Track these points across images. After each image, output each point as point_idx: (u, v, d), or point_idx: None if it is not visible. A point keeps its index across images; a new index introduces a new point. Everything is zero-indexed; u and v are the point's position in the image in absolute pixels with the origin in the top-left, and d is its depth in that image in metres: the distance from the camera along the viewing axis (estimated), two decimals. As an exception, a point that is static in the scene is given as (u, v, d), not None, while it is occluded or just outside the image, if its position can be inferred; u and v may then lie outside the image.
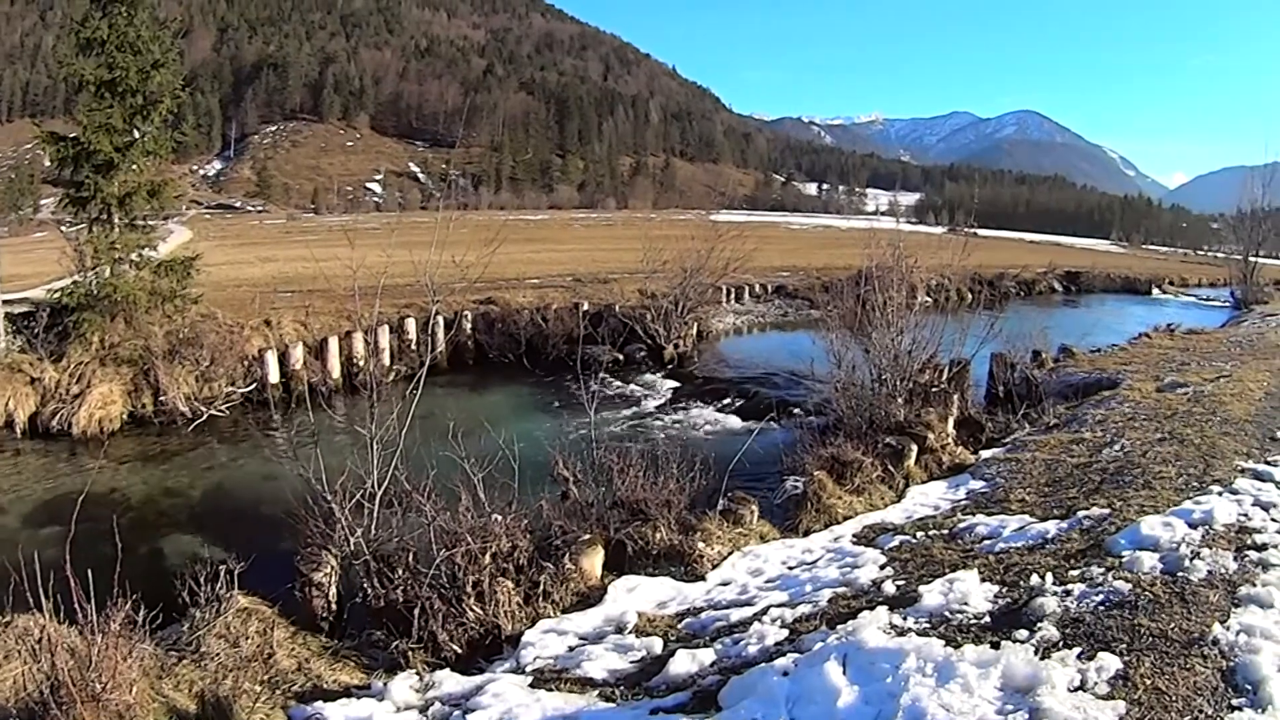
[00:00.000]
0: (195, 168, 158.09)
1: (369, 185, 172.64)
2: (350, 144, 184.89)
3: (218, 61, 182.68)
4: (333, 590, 7.16)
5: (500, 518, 7.42)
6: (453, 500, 7.55)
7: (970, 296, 25.63)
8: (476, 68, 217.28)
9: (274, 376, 17.08)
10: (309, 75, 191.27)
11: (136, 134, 17.05)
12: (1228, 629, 4.99)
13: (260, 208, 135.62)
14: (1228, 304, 43.80)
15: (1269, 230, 45.98)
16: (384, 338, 18.71)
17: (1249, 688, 4.41)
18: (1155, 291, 53.47)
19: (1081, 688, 4.49)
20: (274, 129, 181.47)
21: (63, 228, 17.95)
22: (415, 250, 10.31)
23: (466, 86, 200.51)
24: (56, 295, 16.48)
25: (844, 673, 4.78)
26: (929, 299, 18.50)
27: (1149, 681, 4.49)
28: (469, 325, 21.13)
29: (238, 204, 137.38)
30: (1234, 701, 4.31)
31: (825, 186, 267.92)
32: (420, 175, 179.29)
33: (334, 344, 17.97)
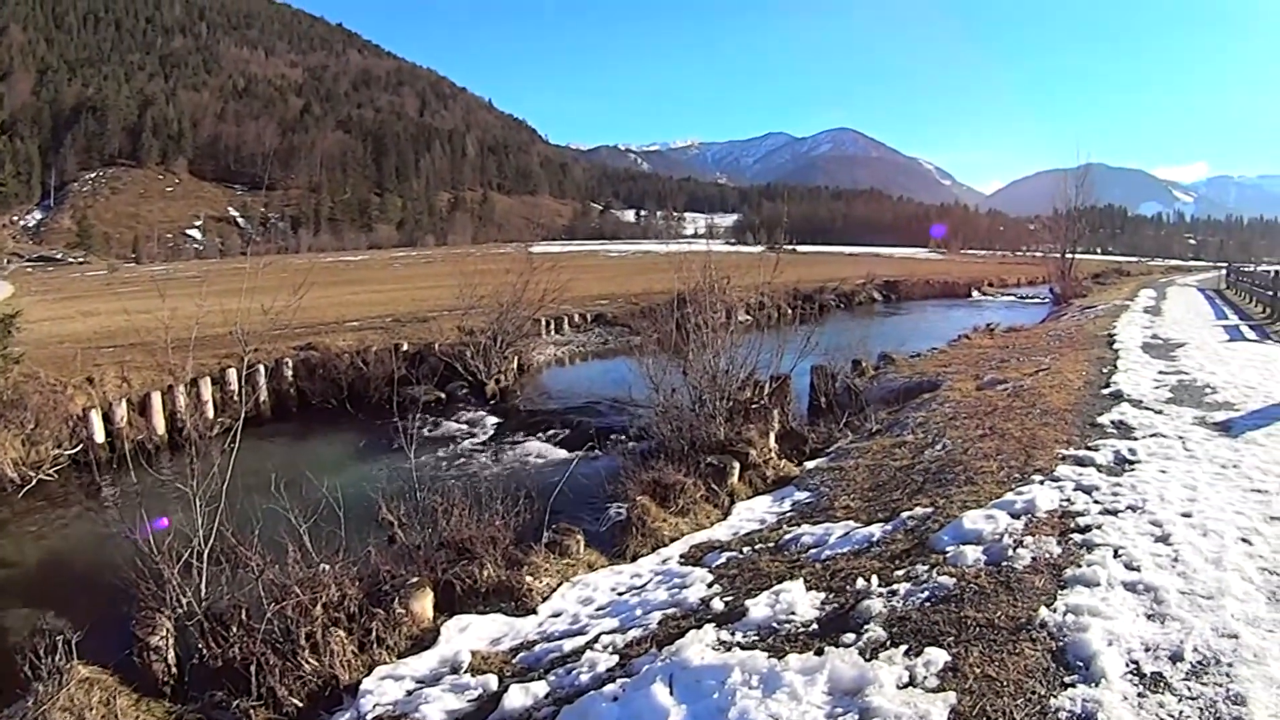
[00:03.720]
0: (15, 218, 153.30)
1: (189, 232, 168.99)
2: (170, 189, 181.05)
3: (37, 105, 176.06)
4: (171, 653, 6.89)
5: (328, 567, 7.27)
6: (281, 553, 7.36)
7: (790, 312, 26.04)
8: (294, 107, 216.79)
9: (99, 436, 16.16)
10: (128, 119, 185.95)
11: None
12: (1054, 611, 5.15)
13: (81, 259, 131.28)
14: (1047, 300, 45.93)
15: (1084, 227, 48.14)
16: (206, 390, 18.01)
17: (1080, 664, 4.56)
18: (975, 294, 55.83)
19: (911, 684, 4.56)
20: (93, 176, 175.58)
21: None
22: (232, 298, 10.01)
23: (284, 126, 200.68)
24: None
25: (671, 693, 4.81)
26: (749, 318, 18.74)
27: (979, 670, 4.59)
28: (290, 373, 20.54)
29: (59, 255, 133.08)
30: (1066, 679, 4.44)
31: (643, 213, 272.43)
32: (240, 220, 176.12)
33: (156, 399, 17.25)
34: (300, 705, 6.42)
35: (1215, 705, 4.13)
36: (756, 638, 5.59)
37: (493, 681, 6.02)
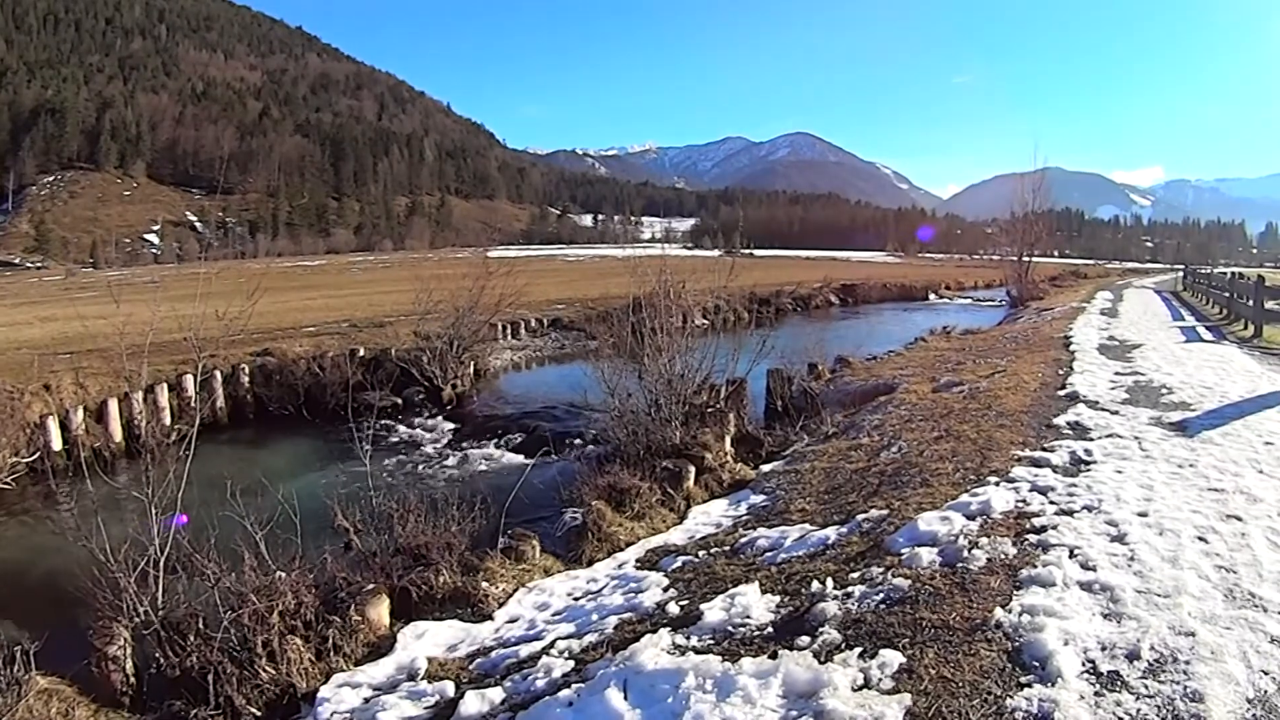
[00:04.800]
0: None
1: (146, 236, 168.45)
2: (128, 194, 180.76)
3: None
4: (129, 663, 6.77)
5: (284, 575, 7.20)
6: (237, 561, 7.26)
7: (747, 316, 26.08)
8: (253, 110, 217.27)
9: (56, 444, 15.91)
10: (86, 121, 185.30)
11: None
12: (1010, 611, 5.15)
13: (40, 264, 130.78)
14: (1004, 303, 46.33)
15: (1041, 230, 48.51)
16: (163, 397, 17.76)
17: (1036, 664, 4.56)
18: (932, 297, 56.36)
19: (866, 686, 4.53)
20: (51, 179, 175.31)
21: None
22: (187, 304, 9.88)
23: (243, 130, 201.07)
24: None
25: (625, 698, 4.78)
26: (706, 321, 18.75)
27: (934, 671, 4.57)
28: (246, 379, 20.31)
29: (16, 260, 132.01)
30: (1022, 679, 4.43)
31: (601, 217, 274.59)
32: (197, 224, 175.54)
33: (114, 406, 17.00)
34: (258, 714, 6.37)
35: (1173, 703, 4.13)
36: (712, 641, 5.56)
37: (449, 688, 5.97)
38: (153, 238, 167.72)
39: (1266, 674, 4.38)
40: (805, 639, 5.24)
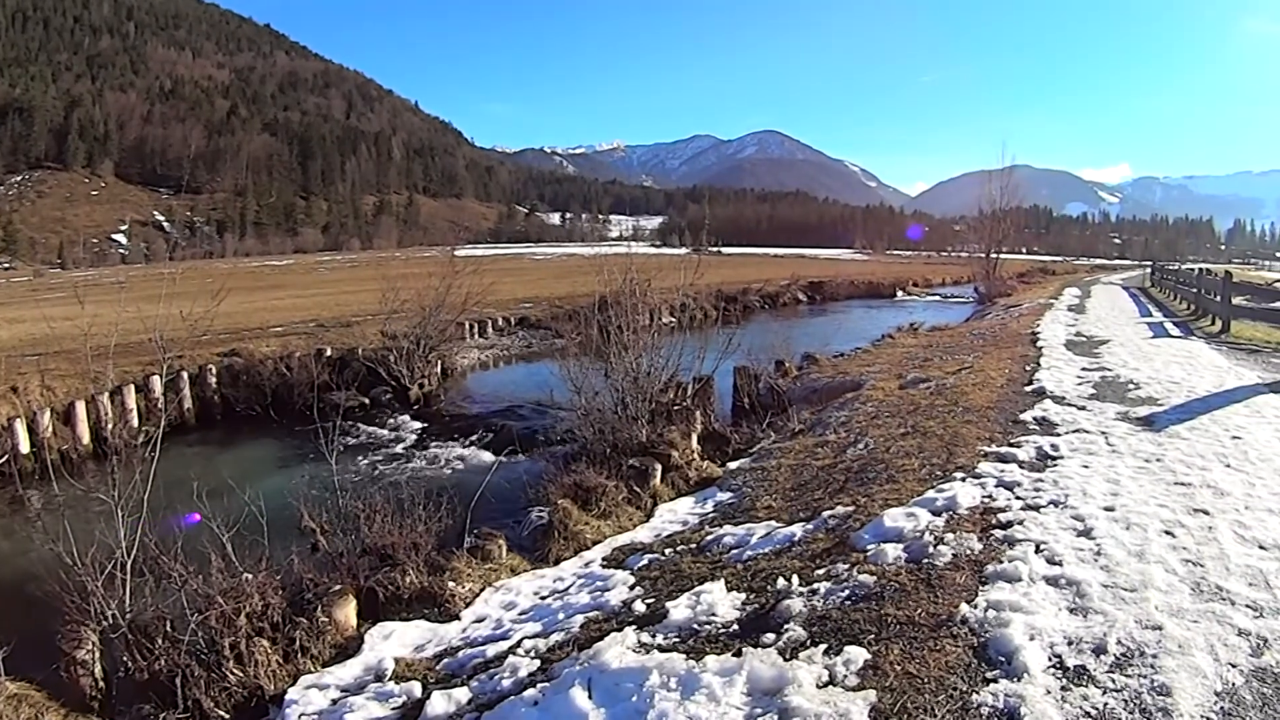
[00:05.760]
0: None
1: (114, 236, 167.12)
2: (95, 193, 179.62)
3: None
4: (98, 667, 6.74)
5: (251, 576, 7.16)
6: (204, 563, 7.22)
7: (715, 314, 26.11)
8: (220, 109, 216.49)
9: (24, 446, 15.74)
10: (54, 120, 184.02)
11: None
12: (975, 607, 5.16)
13: (7, 265, 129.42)
14: (972, 300, 46.50)
15: (1009, 227, 48.76)
16: (131, 398, 17.58)
17: (1002, 659, 4.57)
18: (900, 294, 56.55)
19: (831, 683, 4.55)
20: (19, 179, 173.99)
21: None
22: (154, 304, 9.78)
23: (210, 129, 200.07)
24: None
25: (590, 697, 4.79)
26: (673, 319, 18.73)
27: (899, 667, 4.57)
28: (214, 379, 20.17)
29: None
30: (988, 675, 4.44)
31: (569, 216, 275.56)
32: (165, 224, 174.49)
33: (81, 408, 16.84)
34: (226, 717, 6.35)
35: (1140, 697, 4.13)
36: (677, 639, 5.55)
37: (416, 689, 5.97)
38: (120, 238, 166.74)
39: (1234, 667, 4.38)
40: (770, 636, 5.24)
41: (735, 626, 5.62)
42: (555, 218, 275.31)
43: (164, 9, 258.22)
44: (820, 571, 6.27)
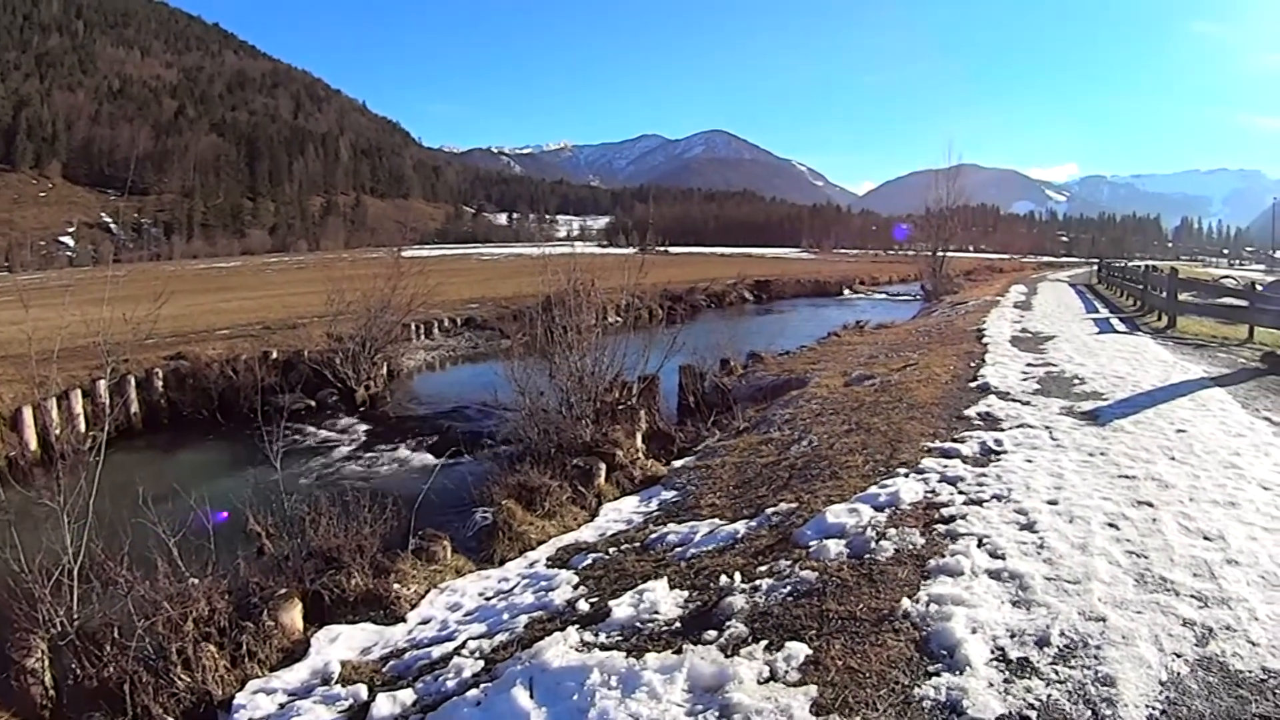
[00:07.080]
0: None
1: (62, 239, 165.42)
2: (43, 194, 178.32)
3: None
4: (47, 675, 6.71)
5: (198, 581, 7.15)
6: (150, 568, 7.18)
7: (661, 313, 26.16)
8: (168, 109, 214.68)
9: None
10: (3, 120, 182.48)
11: None
12: (917, 601, 5.17)
13: None
14: (918, 298, 46.96)
15: (955, 226, 49.17)
16: (78, 403, 17.40)
17: (944, 653, 4.58)
18: (846, 292, 57.12)
19: (772, 678, 4.55)
20: None
21: None
22: (98, 307, 9.65)
23: (158, 129, 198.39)
24: None
25: (531, 696, 4.81)
26: (619, 319, 18.70)
27: (840, 663, 4.58)
28: (160, 383, 20.00)
29: None
30: (930, 669, 4.45)
31: (516, 216, 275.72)
32: (112, 226, 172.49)
33: (28, 414, 16.64)
34: (174, 723, 6.32)
35: (1084, 687, 4.14)
36: (620, 638, 5.55)
37: (363, 691, 5.96)
38: (68, 240, 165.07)
39: (1179, 656, 4.41)
40: (712, 633, 5.24)
41: (678, 624, 5.62)
42: (502, 218, 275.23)
43: (113, 7, 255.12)
44: (763, 568, 6.26)
